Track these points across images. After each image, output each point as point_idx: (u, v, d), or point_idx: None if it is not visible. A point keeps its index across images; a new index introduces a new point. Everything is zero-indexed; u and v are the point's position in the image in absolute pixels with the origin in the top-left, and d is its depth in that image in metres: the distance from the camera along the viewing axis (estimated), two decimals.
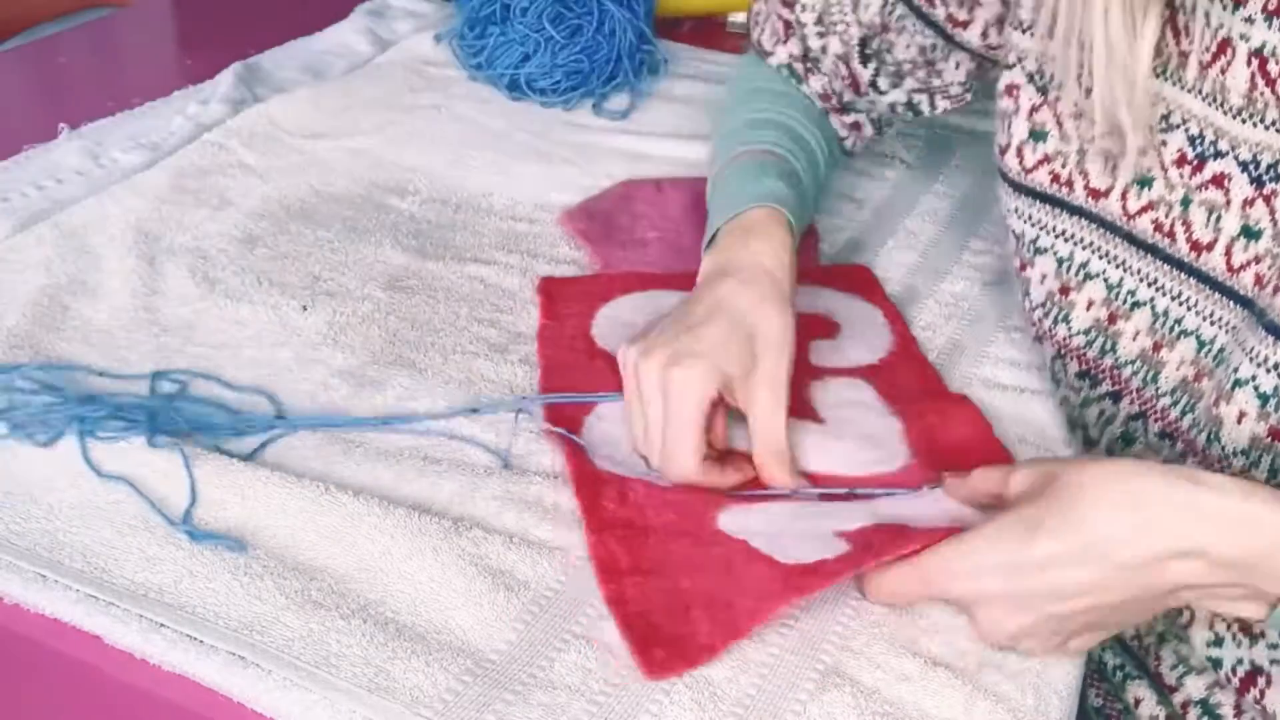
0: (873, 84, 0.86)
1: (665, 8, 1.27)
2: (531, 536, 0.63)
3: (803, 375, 0.76)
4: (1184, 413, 0.68)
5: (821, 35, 0.85)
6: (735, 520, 0.63)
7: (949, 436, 0.71)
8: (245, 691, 0.54)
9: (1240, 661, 0.66)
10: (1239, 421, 0.62)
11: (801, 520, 0.63)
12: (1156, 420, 0.70)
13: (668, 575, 0.60)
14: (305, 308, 0.80)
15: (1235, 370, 0.63)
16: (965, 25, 0.81)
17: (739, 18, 1.34)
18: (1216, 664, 0.67)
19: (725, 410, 0.67)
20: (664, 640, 0.56)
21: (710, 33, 1.33)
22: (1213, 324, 0.65)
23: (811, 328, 0.81)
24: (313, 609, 0.58)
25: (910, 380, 0.76)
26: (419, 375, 0.75)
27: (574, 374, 0.75)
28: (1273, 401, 0.61)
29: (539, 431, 0.70)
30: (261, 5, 1.33)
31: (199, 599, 0.58)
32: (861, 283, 0.86)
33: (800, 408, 0.72)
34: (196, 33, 1.31)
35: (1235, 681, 0.66)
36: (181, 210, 0.90)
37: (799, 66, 0.87)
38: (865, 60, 0.85)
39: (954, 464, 0.66)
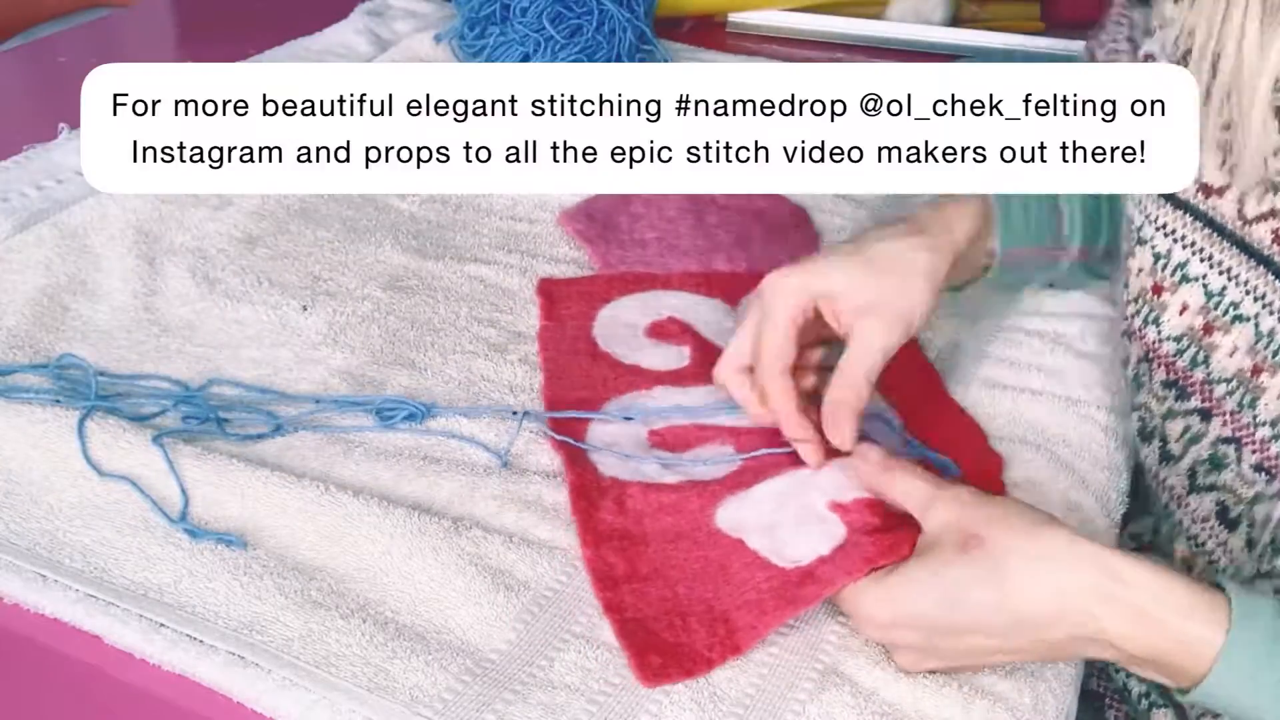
0: None
1: (665, 8, 1.27)
2: (531, 536, 0.63)
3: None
4: None
5: None
6: (732, 514, 0.63)
7: (941, 433, 0.71)
8: (245, 691, 0.54)
9: None
10: None
11: (794, 498, 0.63)
12: (1254, 451, 0.64)
13: (665, 581, 0.60)
14: (305, 308, 0.80)
15: None
16: None
17: (739, 18, 1.34)
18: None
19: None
20: (661, 648, 0.57)
21: (710, 33, 1.32)
22: None
23: None
24: (312, 609, 0.58)
25: (908, 377, 0.76)
26: (419, 375, 0.75)
27: (577, 377, 0.75)
28: None
29: (538, 431, 0.70)
30: (261, 5, 1.33)
31: (199, 599, 0.58)
32: None
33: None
34: (196, 33, 1.31)
35: None
36: (181, 210, 0.90)
37: None
38: None
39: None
